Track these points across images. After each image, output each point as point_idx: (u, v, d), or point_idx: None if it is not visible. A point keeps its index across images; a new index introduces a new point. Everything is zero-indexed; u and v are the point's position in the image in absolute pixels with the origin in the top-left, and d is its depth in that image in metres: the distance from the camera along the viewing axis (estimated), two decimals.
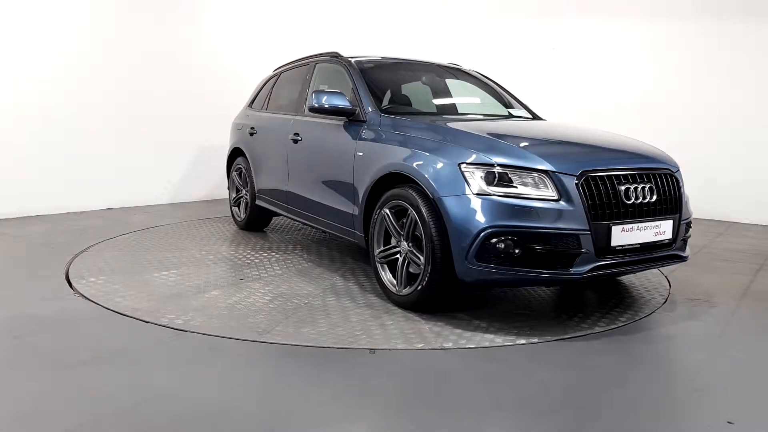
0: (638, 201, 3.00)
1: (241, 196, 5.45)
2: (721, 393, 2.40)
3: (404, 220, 3.19)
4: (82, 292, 3.44)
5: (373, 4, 8.58)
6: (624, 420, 2.13)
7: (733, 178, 6.70)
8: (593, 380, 2.48)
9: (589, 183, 2.88)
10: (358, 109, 3.74)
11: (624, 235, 2.93)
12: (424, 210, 2.99)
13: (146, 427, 2.00)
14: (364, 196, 3.49)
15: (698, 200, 5.22)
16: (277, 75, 5.37)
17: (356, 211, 3.60)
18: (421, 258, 3.04)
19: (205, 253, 4.43)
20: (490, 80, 4.97)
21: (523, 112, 4.72)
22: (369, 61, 4.33)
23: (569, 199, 2.82)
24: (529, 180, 2.85)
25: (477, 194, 2.82)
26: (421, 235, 3.06)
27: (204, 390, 2.30)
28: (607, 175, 2.94)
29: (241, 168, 5.40)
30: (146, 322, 2.99)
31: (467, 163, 2.91)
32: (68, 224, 5.50)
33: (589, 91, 7.41)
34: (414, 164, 3.12)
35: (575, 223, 2.80)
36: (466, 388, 2.37)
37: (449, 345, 2.78)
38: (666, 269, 4.31)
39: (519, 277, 2.84)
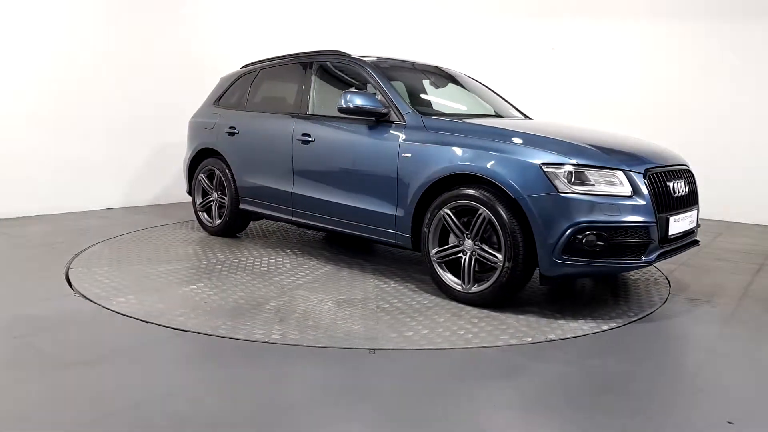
0: (680, 195, 3.38)
1: (211, 201, 5.13)
2: (721, 393, 2.40)
3: (466, 219, 3.31)
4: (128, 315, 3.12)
5: (372, 4, 8.58)
6: (623, 420, 2.13)
7: (733, 178, 6.70)
8: (593, 380, 2.48)
9: (651, 179, 3.19)
10: (391, 110, 3.76)
11: (675, 224, 3.28)
12: (502, 209, 3.12)
13: (146, 427, 2.00)
14: (416, 197, 3.51)
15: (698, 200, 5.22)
16: (253, 72, 5.13)
17: (401, 213, 3.62)
18: (498, 255, 3.16)
19: (207, 263, 4.18)
20: (474, 79, 4.98)
21: (514, 111, 4.74)
22: (382, 62, 4.29)
23: (640, 195, 3.09)
24: (606, 178, 3.07)
25: (562, 193, 2.99)
26: (491, 234, 3.23)
27: (204, 390, 2.30)
28: (661, 172, 3.29)
29: (213, 170, 5.06)
30: (146, 322, 2.98)
31: (549, 164, 3.06)
32: (68, 224, 5.50)
33: (588, 91, 7.41)
34: (488, 165, 3.20)
35: (646, 216, 3.07)
36: (466, 387, 2.37)
37: (553, 336, 2.93)
38: (666, 269, 4.32)
39: (599, 268, 3.11)
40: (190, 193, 5.42)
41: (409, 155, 3.58)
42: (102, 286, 3.56)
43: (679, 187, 3.37)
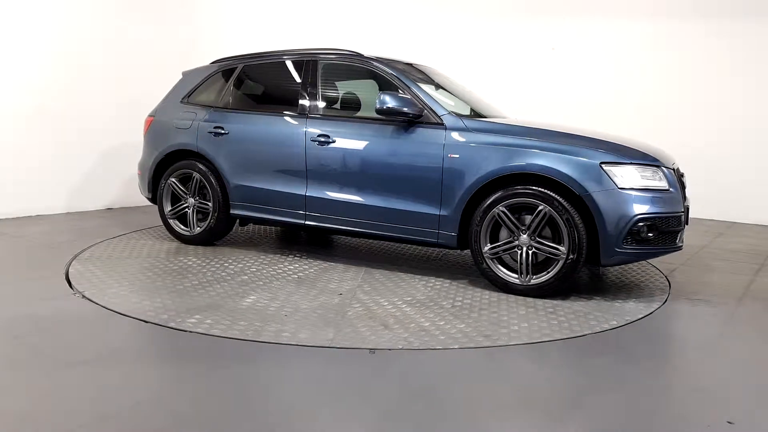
0: (686, 187, 3.82)
1: (186, 207, 4.76)
2: (721, 393, 2.40)
3: (518, 216, 3.54)
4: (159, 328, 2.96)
5: (371, 6, 8.58)
6: (624, 420, 2.13)
7: (733, 178, 6.70)
8: (593, 380, 2.48)
9: (676, 174, 3.63)
10: (426, 111, 3.84)
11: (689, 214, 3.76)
12: (566, 205, 3.39)
13: (146, 427, 2.00)
14: (466, 196, 3.64)
15: (698, 200, 5.22)
16: (232, 68, 4.81)
17: (446, 212, 3.72)
18: (561, 248, 3.43)
19: (226, 273, 3.90)
20: (455, 79, 4.95)
21: (494, 109, 4.72)
22: (396, 63, 4.26)
23: (674, 188, 3.52)
24: (651, 174, 3.46)
25: (621, 189, 3.35)
26: (543, 228, 3.48)
27: (204, 390, 2.30)
28: (677, 168, 3.73)
29: (190, 174, 4.69)
30: (146, 322, 2.98)
31: (607, 162, 3.40)
32: (68, 224, 5.50)
33: (588, 91, 7.41)
34: (552, 164, 3.43)
35: (679, 206, 3.52)
36: (466, 388, 2.37)
37: (629, 317, 3.26)
38: (666, 269, 4.33)
39: (647, 254, 3.53)
40: (153, 200, 4.97)
41: (457, 156, 3.68)
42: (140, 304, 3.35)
43: (684, 180, 3.82)
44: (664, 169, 3.51)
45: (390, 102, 3.78)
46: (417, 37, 8.28)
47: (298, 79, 4.48)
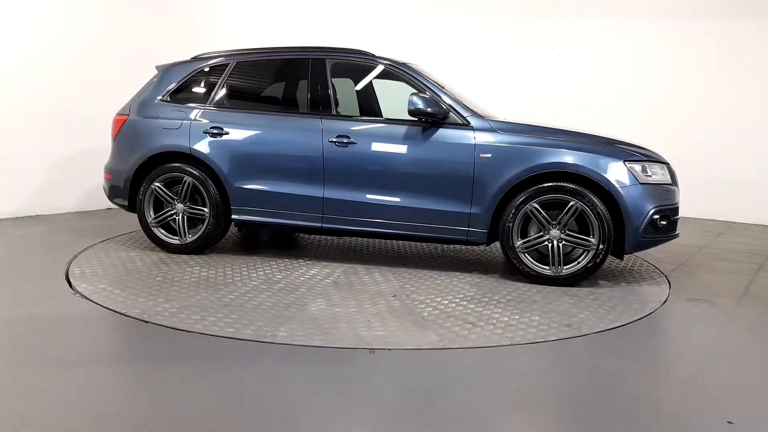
0: None
1: (172, 213, 4.39)
2: (721, 393, 2.40)
3: (548, 212, 3.74)
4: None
5: (371, 5, 8.57)
6: (624, 420, 2.13)
7: (733, 178, 6.70)
8: (593, 380, 2.48)
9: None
10: (451, 112, 3.94)
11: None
12: (596, 200, 3.67)
13: (146, 426, 2.00)
14: (498, 194, 3.80)
15: (698, 200, 5.23)
16: (222, 65, 4.52)
17: (477, 210, 3.86)
18: (592, 240, 3.71)
19: (258, 282, 3.70)
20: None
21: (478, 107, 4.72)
22: (407, 63, 4.28)
23: (675, 183, 3.90)
24: (659, 170, 3.82)
25: (641, 184, 3.69)
26: (583, 221, 3.74)
27: (204, 389, 2.30)
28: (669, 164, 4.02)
29: (179, 178, 4.34)
30: (146, 321, 2.98)
31: (629, 160, 3.73)
32: (68, 224, 5.50)
33: (588, 91, 7.41)
34: (584, 163, 3.71)
35: (678, 199, 3.91)
36: (466, 388, 2.37)
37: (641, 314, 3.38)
38: (666, 269, 4.34)
39: (657, 241, 3.86)
40: (130, 207, 4.54)
41: (489, 155, 3.83)
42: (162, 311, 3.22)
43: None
44: (666, 165, 3.88)
45: (420, 103, 3.85)
46: (415, 37, 8.27)
47: (303, 79, 4.37)
